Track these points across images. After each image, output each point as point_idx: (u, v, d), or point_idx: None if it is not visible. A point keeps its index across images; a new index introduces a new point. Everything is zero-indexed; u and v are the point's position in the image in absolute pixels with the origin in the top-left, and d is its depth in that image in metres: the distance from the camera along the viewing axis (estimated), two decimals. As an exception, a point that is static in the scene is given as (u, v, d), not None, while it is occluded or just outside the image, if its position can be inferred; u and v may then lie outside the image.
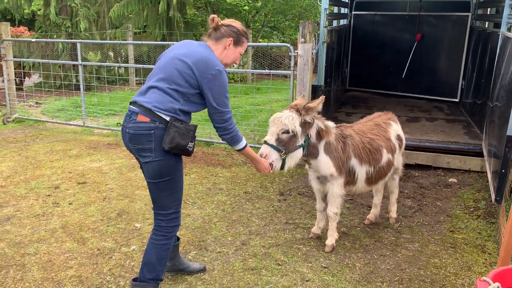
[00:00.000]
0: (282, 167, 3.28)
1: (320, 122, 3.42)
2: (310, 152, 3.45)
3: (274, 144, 3.21)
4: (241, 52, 2.92)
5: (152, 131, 2.62)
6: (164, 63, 2.73)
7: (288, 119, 3.19)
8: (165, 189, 2.75)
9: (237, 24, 2.89)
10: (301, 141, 3.30)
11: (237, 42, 2.86)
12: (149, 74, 2.82)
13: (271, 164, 3.18)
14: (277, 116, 3.23)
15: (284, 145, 3.24)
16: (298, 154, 3.33)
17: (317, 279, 3.28)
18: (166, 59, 2.75)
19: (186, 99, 2.69)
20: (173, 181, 2.76)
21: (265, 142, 3.25)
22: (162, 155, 2.66)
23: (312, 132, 3.40)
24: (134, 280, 2.92)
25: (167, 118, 2.64)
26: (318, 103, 3.30)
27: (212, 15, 2.86)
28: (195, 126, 2.74)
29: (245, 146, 2.89)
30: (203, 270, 3.32)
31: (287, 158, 3.27)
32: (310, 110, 3.28)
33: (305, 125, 3.30)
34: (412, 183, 5.36)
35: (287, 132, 3.21)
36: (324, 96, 3.41)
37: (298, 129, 3.23)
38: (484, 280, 2.30)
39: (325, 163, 3.49)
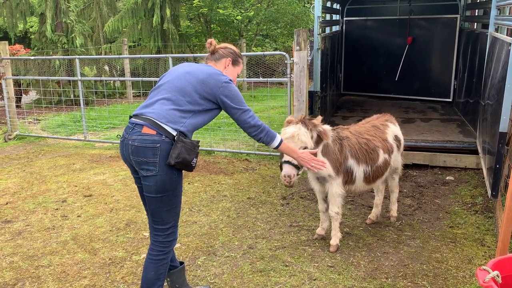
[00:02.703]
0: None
1: (320, 128, 3.57)
2: None
3: (295, 163, 3.31)
4: (238, 72, 3.09)
5: (158, 145, 2.62)
6: (174, 78, 2.79)
7: (305, 136, 3.38)
8: (167, 204, 2.74)
9: (232, 46, 3.07)
10: None
11: (234, 62, 3.03)
12: (156, 89, 2.84)
13: (290, 182, 3.32)
14: (292, 133, 3.36)
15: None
16: None
17: (324, 277, 3.40)
18: (175, 73, 2.82)
19: (195, 111, 2.75)
20: (174, 196, 2.75)
21: (288, 162, 3.31)
22: (166, 169, 2.65)
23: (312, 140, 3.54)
24: None
25: (173, 133, 2.65)
26: (320, 121, 3.53)
27: (209, 39, 3.02)
28: (198, 142, 2.78)
29: (281, 141, 2.94)
30: None
31: (301, 172, 3.45)
32: (315, 126, 3.49)
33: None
34: (411, 183, 5.50)
35: (304, 148, 3.36)
36: (321, 117, 3.63)
37: (311, 144, 3.42)
38: (484, 269, 2.43)
39: None
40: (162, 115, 2.67)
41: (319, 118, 3.59)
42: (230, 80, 2.83)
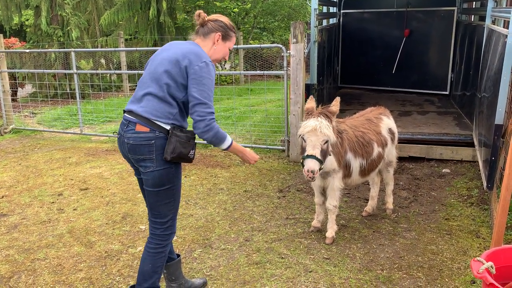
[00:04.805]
0: None
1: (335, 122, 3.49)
2: None
3: (319, 157, 3.20)
4: (230, 47, 2.86)
5: (153, 141, 2.59)
6: (154, 67, 2.67)
7: (327, 129, 3.22)
8: (165, 197, 2.72)
9: (223, 18, 2.83)
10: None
11: (225, 37, 2.81)
12: (140, 80, 2.76)
13: (313, 177, 3.19)
14: (314, 126, 3.22)
15: (324, 155, 3.27)
16: (327, 159, 3.36)
17: (319, 269, 3.41)
18: (155, 62, 2.69)
19: (178, 102, 2.64)
20: (172, 189, 2.74)
21: (312, 156, 3.19)
22: (163, 164, 2.63)
23: None
24: (132, 287, 2.93)
25: (167, 127, 2.61)
26: (338, 106, 3.37)
27: (198, 11, 2.78)
28: (194, 133, 2.67)
29: (232, 143, 2.72)
30: (205, 283, 3.29)
31: (323, 166, 3.32)
32: (334, 114, 3.36)
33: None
34: (407, 175, 5.51)
35: (327, 141, 3.28)
36: (339, 98, 3.45)
37: (333, 137, 3.30)
38: (478, 260, 2.44)
39: (329, 159, 3.54)
40: (151, 111, 2.60)
41: (338, 100, 3.38)
42: (211, 63, 2.64)
